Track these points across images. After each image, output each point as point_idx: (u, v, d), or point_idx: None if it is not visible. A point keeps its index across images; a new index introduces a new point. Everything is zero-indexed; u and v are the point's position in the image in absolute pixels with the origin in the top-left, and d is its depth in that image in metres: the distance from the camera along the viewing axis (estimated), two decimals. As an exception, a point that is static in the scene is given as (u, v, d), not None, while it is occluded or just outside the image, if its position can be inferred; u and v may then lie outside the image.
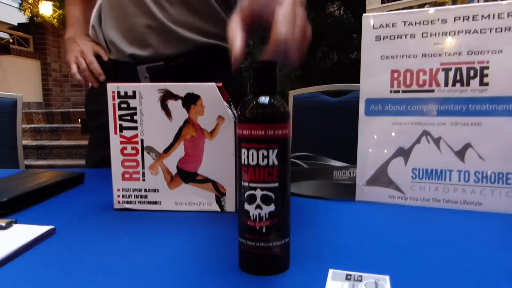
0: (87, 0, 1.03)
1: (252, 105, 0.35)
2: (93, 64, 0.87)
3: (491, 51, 0.51)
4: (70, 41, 0.96)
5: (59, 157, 4.12)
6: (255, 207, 0.35)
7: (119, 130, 0.52)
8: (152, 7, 0.81)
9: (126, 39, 0.84)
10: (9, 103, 1.68)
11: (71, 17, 1.00)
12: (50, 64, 6.13)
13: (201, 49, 0.84)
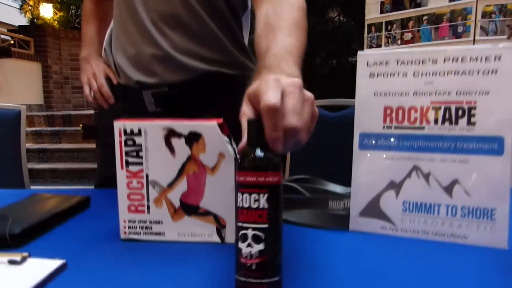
0: (102, 21, 1.07)
1: (246, 155, 0.40)
2: (104, 87, 0.91)
3: (478, 92, 0.54)
4: (84, 61, 1.00)
5: (60, 160, 4.15)
6: (247, 245, 0.39)
7: (125, 165, 0.55)
8: (156, 36, 0.84)
9: (133, 66, 0.88)
10: (12, 114, 1.71)
11: (86, 36, 1.04)
12: (51, 67, 6.15)
13: (204, 76, 0.87)
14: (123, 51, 0.90)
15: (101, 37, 1.05)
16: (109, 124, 0.96)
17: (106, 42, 1.00)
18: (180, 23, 0.85)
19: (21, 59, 5.64)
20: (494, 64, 0.54)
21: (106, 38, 1.01)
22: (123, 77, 0.91)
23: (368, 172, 0.59)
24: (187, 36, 0.85)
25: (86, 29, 1.06)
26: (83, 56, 1.02)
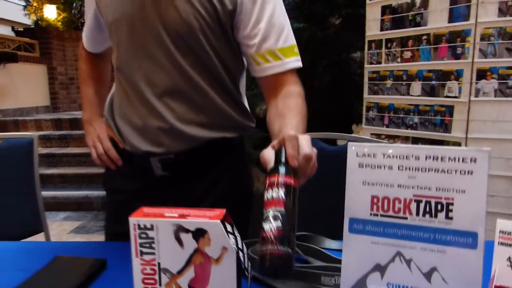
0: (98, 81, 1.13)
1: (273, 169, 0.66)
2: (110, 150, 0.97)
3: (455, 190, 0.60)
4: (87, 124, 1.06)
5: (68, 165, 4.25)
6: (268, 223, 0.58)
7: (140, 254, 0.62)
8: (161, 109, 0.90)
9: (140, 137, 0.94)
10: (25, 143, 1.78)
11: (85, 98, 1.10)
12: (56, 68, 6.22)
13: (208, 142, 0.94)
14: (128, 123, 0.96)
15: (99, 98, 1.10)
16: (116, 184, 1.04)
17: (107, 110, 1.05)
18: (183, 96, 0.91)
19: (27, 62, 5.72)
20: (470, 166, 0.59)
21: (106, 106, 1.06)
22: (128, 145, 0.97)
23: (357, 253, 0.66)
24: (190, 107, 0.91)
25: (84, 90, 1.11)
26: (85, 118, 1.07)
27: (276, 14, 0.88)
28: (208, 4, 0.86)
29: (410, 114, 2.16)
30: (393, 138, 2.26)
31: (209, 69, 0.91)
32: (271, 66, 0.89)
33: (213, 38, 0.89)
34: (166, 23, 0.87)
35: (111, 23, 0.92)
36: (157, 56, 0.89)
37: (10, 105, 5.36)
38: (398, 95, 2.21)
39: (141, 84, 0.91)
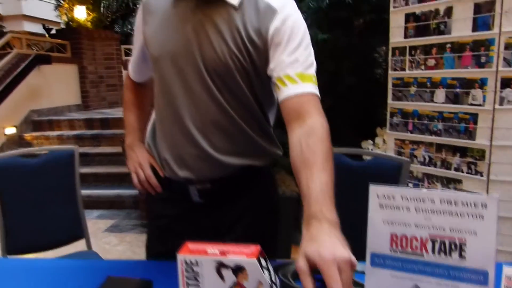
0: (141, 109, 1.23)
1: None
2: (151, 178, 1.07)
3: (468, 232, 0.67)
4: (129, 149, 1.15)
5: (100, 164, 4.44)
6: None
7: (186, 286, 0.72)
8: (199, 139, 0.99)
9: (179, 164, 1.03)
10: (66, 154, 1.91)
11: (128, 124, 1.20)
12: (86, 67, 6.44)
13: (240, 170, 1.02)
14: (168, 150, 1.05)
15: (141, 124, 1.20)
16: (157, 209, 1.14)
17: (149, 137, 1.14)
18: (219, 127, 0.99)
19: (60, 63, 5.95)
20: (481, 211, 0.66)
21: (148, 133, 1.15)
22: (169, 171, 1.06)
23: (378, 285, 0.73)
24: (225, 137, 1.00)
25: (128, 116, 1.21)
26: (128, 143, 1.17)
27: (300, 48, 0.95)
28: (242, 45, 0.95)
29: (434, 120, 2.19)
30: (417, 144, 2.29)
31: (243, 103, 1.01)
32: (288, 89, 0.92)
33: (247, 76, 0.98)
34: (206, 61, 0.96)
35: (156, 57, 1.01)
36: (197, 90, 0.98)
37: (45, 105, 5.60)
38: (422, 101, 2.23)
39: (182, 115, 1.00)
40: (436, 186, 2.22)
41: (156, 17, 1.02)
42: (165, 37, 0.99)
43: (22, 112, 5.20)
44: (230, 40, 0.95)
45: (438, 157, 2.19)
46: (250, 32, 0.95)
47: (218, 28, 0.95)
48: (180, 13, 0.98)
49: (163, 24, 1.00)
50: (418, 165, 2.29)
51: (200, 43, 0.96)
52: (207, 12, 0.96)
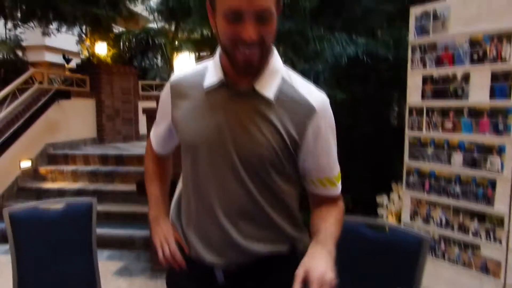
0: (164, 182, 1.24)
1: None
2: (176, 255, 1.06)
3: None
4: (154, 222, 1.14)
5: (113, 201, 4.45)
6: None
7: None
8: (227, 225, 1.00)
9: (205, 247, 1.03)
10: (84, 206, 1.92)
11: (152, 196, 1.19)
12: (104, 102, 6.59)
13: (265, 256, 1.03)
14: (195, 232, 1.05)
15: (165, 196, 1.20)
16: (180, 284, 1.13)
17: (173, 214, 1.15)
18: (248, 215, 1.00)
19: (79, 97, 6.10)
20: None
21: (172, 210, 1.15)
22: (194, 253, 1.06)
23: None
24: (253, 225, 1.01)
25: (152, 189, 1.20)
26: (153, 216, 1.15)
27: (332, 149, 1.04)
28: (278, 136, 0.97)
29: (452, 183, 2.17)
30: (434, 205, 2.27)
31: (273, 193, 1.02)
32: (327, 190, 1.07)
33: (280, 167, 1.00)
34: (239, 152, 0.97)
35: (188, 143, 1.03)
36: (229, 179, 0.99)
37: (61, 138, 5.70)
38: (439, 163, 2.23)
39: (211, 202, 1.01)
40: (453, 249, 2.18)
41: (188, 102, 1.03)
42: (198, 125, 1.00)
43: (38, 146, 5.27)
44: (266, 133, 0.96)
45: (455, 220, 2.16)
46: (287, 128, 0.97)
47: (253, 120, 0.96)
48: (214, 102, 0.99)
49: (196, 111, 1.01)
50: (435, 227, 2.26)
51: (234, 134, 0.97)
52: (241, 104, 0.97)
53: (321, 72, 2.92)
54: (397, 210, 2.77)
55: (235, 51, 0.90)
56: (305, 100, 0.97)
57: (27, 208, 1.86)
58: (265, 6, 0.87)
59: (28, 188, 4.84)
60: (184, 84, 1.05)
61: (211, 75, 1.00)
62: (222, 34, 0.91)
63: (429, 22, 2.22)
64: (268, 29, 0.90)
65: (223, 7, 0.88)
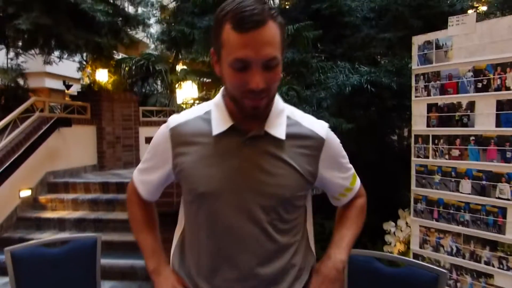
0: (154, 227, 1.18)
1: None
2: None
3: None
4: (156, 274, 1.09)
5: (115, 230, 4.38)
6: None
7: None
8: (246, 273, 0.99)
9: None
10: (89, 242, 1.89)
11: (148, 246, 1.12)
12: (104, 129, 6.59)
13: None
14: (211, 283, 1.02)
15: (160, 244, 1.14)
16: None
17: (176, 263, 1.10)
18: (269, 257, 1.01)
19: (79, 124, 6.09)
20: None
21: (175, 259, 1.11)
22: None
23: None
24: (271, 269, 1.02)
25: (143, 238, 1.13)
26: (153, 268, 1.09)
27: (344, 164, 1.12)
28: (296, 173, 1.00)
29: (461, 211, 2.15)
30: (444, 233, 2.25)
31: (291, 229, 1.04)
32: (347, 197, 1.18)
33: (299, 202, 1.05)
34: (259, 195, 0.98)
35: (201, 192, 0.99)
36: (249, 225, 0.99)
37: (61, 166, 5.66)
38: (447, 190, 2.21)
39: (230, 252, 0.99)
40: (465, 279, 2.15)
41: (195, 149, 1.00)
42: (211, 173, 0.98)
43: (38, 174, 5.20)
44: (284, 174, 0.98)
45: (466, 248, 2.13)
46: (302, 164, 1.00)
47: (269, 162, 0.97)
48: (225, 148, 0.99)
49: (206, 159, 0.99)
50: (445, 255, 2.23)
51: (252, 179, 0.97)
52: (254, 148, 0.98)
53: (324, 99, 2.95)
54: (405, 238, 2.74)
55: (243, 99, 0.92)
56: (312, 133, 1.03)
57: (29, 246, 1.81)
58: (272, 54, 0.88)
59: (28, 218, 4.74)
60: (187, 130, 1.02)
61: (219, 121, 1.00)
62: (230, 83, 0.93)
63: (431, 51, 2.25)
64: (275, 76, 0.91)
65: (230, 58, 0.89)
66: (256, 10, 0.86)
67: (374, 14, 3.15)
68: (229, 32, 0.88)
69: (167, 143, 1.03)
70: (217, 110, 1.01)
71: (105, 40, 5.59)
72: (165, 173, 1.07)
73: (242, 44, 0.86)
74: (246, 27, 0.85)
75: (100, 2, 5.24)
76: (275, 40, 0.89)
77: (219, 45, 0.92)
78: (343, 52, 3.34)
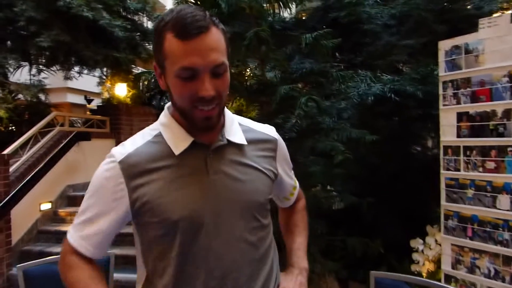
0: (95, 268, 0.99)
1: None
2: None
3: None
4: None
5: (131, 244, 4.29)
6: None
7: None
8: None
9: None
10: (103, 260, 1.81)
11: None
12: (123, 142, 6.59)
13: None
14: None
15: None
16: None
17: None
18: (254, 272, 0.99)
19: (98, 138, 6.12)
20: None
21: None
22: None
23: None
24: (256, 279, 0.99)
25: (77, 275, 0.94)
26: None
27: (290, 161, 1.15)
28: (263, 176, 1.01)
29: (499, 229, 1.98)
30: (479, 253, 2.07)
31: (266, 232, 1.03)
32: (293, 197, 1.22)
33: (268, 205, 1.04)
34: (238, 205, 0.95)
35: (175, 220, 0.89)
36: (233, 239, 0.95)
37: (80, 179, 5.68)
38: (482, 206, 2.04)
39: (214, 274, 0.93)
40: (504, 304, 1.96)
41: (157, 176, 0.91)
42: (182, 196, 0.90)
43: (58, 188, 5.27)
44: (254, 179, 0.98)
45: (506, 271, 1.95)
46: (264, 165, 1.01)
47: (237, 170, 0.96)
48: (190, 166, 0.93)
49: (173, 182, 0.91)
50: (482, 277, 2.05)
51: (227, 191, 0.93)
52: (219, 158, 0.95)
53: (344, 109, 2.82)
54: (435, 256, 2.56)
55: (193, 110, 0.88)
56: (266, 135, 1.05)
57: (42, 263, 1.77)
58: (219, 60, 0.86)
59: (48, 231, 4.79)
60: (142, 158, 0.92)
61: (177, 140, 0.94)
62: (178, 95, 0.88)
63: (460, 56, 2.11)
64: (224, 82, 0.88)
65: (175, 67, 0.85)
66: (197, 16, 0.84)
67: (395, 21, 3.01)
68: (171, 41, 0.85)
69: (118, 179, 0.92)
70: (169, 130, 0.96)
71: (124, 55, 5.62)
72: (117, 217, 0.94)
73: (187, 51, 0.83)
74: (190, 33, 0.83)
75: (118, 17, 5.29)
76: (220, 45, 0.87)
77: (162, 57, 0.88)
78: (362, 61, 3.22)
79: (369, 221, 2.62)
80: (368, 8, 3.04)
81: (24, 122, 6.12)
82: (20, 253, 4.44)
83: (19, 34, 5.16)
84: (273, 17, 2.81)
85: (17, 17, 4.75)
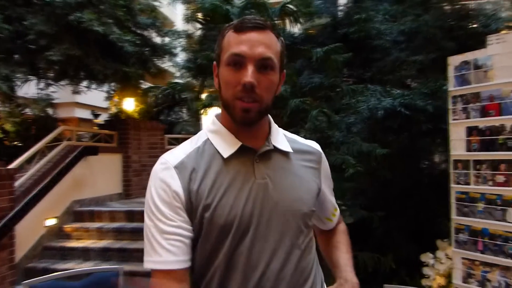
0: None
1: None
2: None
3: None
4: None
5: (139, 260, 4.30)
6: None
7: None
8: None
9: None
10: (111, 275, 1.82)
11: None
12: (130, 157, 6.62)
13: None
14: None
15: None
16: None
17: None
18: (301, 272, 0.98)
19: (106, 152, 6.14)
20: None
21: None
22: None
23: None
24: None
25: None
26: None
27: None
28: (308, 185, 1.02)
29: (510, 242, 1.98)
30: (490, 266, 2.06)
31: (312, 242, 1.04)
32: (335, 220, 1.19)
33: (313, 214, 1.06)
34: (288, 211, 0.95)
35: (222, 225, 0.90)
36: (282, 243, 0.95)
37: (87, 194, 5.68)
38: (493, 220, 2.05)
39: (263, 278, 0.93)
40: (518, 319, 1.94)
41: (206, 181, 0.92)
42: (231, 199, 0.91)
43: (64, 203, 5.20)
44: (301, 187, 0.99)
45: (518, 285, 1.94)
46: (310, 176, 1.02)
47: (282, 177, 0.97)
48: (238, 170, 0.94)
49: (222, 186, 0.92)
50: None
51: (277, 196, 0.94)
52: (265, 164, 0.96)
53: (354, 124, 2.85)
54: (446, 270, 2.54)
55: (235, 101, 0.91)
56: (310, 148, 1.07)
57: (48, 279, 1.75)
58: (266, 54, 0.90)
59: (53, 247, 4.68)
60: (192, 164, 0.94)
61: (225, 144, 0.96)
62: (224, 84, 0.93)
63: (469, 72, 2.14)
64: (267, 80, 0.91)
65: (226, 55, 0.92)
66: (258, 19, 0.92)
67: (404, 37, 3.07)
68: (229, 35, 0.94)
69: (175, 181, 0.91)
70: (217, 136, 0.98)
71: (133, 70, 5.68)
72: (186, 218, 0.92)
73: (240, 41, 0.90)
74: (245, 27, 0.91)
75: (128, 32, 5.35)
76: (272, 44, 0.92)
77: (219, 50, 0.95)
78: (372, 76, 3.26)
79: (380, 235, 2.62)
80: (378, 24, 3.09)
81: (31, 136, 6.16)
82: (24, 270, 4.31)
83: (28, 48, 5.16)
84: (283, 32, 2.87)
85: (26, 31, 4.75)
